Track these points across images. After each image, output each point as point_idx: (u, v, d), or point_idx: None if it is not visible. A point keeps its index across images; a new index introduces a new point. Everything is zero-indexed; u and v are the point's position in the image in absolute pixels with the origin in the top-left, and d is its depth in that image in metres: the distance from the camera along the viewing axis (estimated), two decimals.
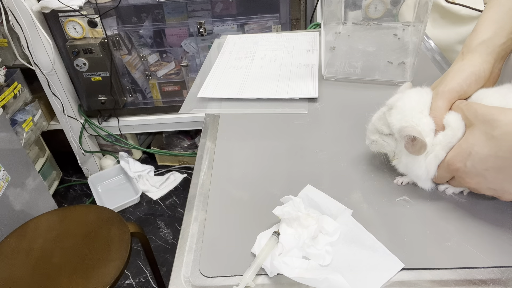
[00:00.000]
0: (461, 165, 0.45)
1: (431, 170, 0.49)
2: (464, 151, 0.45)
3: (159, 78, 1.79)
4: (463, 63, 0.52)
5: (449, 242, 0.46)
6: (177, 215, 1.80)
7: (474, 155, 0.44)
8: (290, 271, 0.41)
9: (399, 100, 0.50)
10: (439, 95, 0.50)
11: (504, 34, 0.52)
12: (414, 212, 0.50)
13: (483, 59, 0.51)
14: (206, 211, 0.54)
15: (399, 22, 0.99)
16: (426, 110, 0.49)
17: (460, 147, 0.46)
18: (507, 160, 0.41)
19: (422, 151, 0.48)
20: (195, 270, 0.46)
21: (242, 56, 0.94)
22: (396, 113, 0.49)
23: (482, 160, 0.43)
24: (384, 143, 0.52)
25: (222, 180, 0.58)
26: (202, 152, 0.66)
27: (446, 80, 0.51)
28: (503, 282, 0.42)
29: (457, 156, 0.46)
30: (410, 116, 0.49)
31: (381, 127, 0.52)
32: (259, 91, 0.78)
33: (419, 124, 0.48)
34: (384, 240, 0.47)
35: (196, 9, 0.72)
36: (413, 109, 0.49)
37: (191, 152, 2.01)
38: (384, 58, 0.86)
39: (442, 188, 0.52)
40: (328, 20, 0.93)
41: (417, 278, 0.43)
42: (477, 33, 0.54)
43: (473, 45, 0.53)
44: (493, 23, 0.53)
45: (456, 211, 0.50)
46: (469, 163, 0.44)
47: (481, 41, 0.52)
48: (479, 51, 0.52)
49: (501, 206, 0.50)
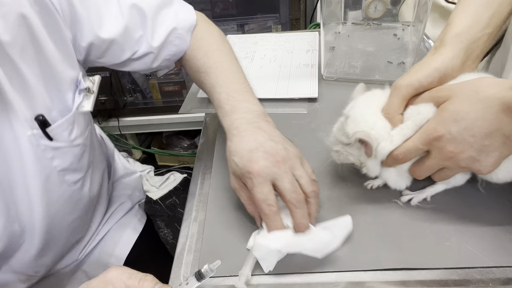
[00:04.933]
0: (444, 131, 0.42)
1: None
2: (447, 118, 0.42)
3: (159, 78, 1.79)
4: (432, 58, 0.48)
5: (448, 242, 0.46)
6: (177, 215, 1.80)
7: (460, 121, 0.41)
8: (276, 243, 0.44)
9: (352, 109, 0.50)
10: (396, 90, 0.47)
11: (479, 28, 0.48)
12: (414, 212, 0.50)
13: (453, 54, 0.47)
14: (206, 211, 0.54)
15: (399, 22, 0.99)
16: (379, 112, 0.48)
17: (440, 116, 0.43)
18: (495, 122, 0.39)
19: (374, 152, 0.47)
20: (195, 270, 0.46)
21: (242, 56, 0.94)
22: (351, 122, 0.48)
23: (469, 125, 0.40)
24: (347, 153, 0.50)
25: (222, 180, 0.58)
26: (202, 152, 0.66)
27: (408, 73, 0.48)
28: (503, 282, 0.42)
29: (439, 124, 0.42)
30: (362, 121, 0.48)
31: (340, 137, 0.50)
32: (259, 91, 0.78)
33: (374, 128, 0.47)
34: (384, 240, 0.47)
35: (196, 9, 0.72)
36: (365, 113, 0.48)
37: (191, 152, 2.01)
38: (384, 58, 0.86)
39: (406, 199, 0.51)
40: (327, 20, 0.93)
41: (417, 278, 0.43)
42: (451, 26, 0.50)
43: (446, 38, 0.49)
44: (468, 15, 0.49)
45: (456, 211, 0.50)
46: (454, 129, 0.41)
47: (455, 34, 0.49)
48: (452, 45, 0.48)
49: (501, 206, 0.50)
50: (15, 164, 0.50)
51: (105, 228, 0.74)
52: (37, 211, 0.53)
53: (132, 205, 0.81)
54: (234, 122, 0.51)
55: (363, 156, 0.49)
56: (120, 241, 0.76)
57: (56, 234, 0.59)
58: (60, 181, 0.55)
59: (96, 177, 0.65)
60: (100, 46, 0.56)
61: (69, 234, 0.62)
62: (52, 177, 0.54)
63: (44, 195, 0.53)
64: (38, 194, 0.53)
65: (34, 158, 0.51)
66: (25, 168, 0.50)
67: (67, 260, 0.67)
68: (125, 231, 0.77)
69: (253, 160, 0.45)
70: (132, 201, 0.81)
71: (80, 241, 0.68)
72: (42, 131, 0.50)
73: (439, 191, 0.52)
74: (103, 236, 0.74)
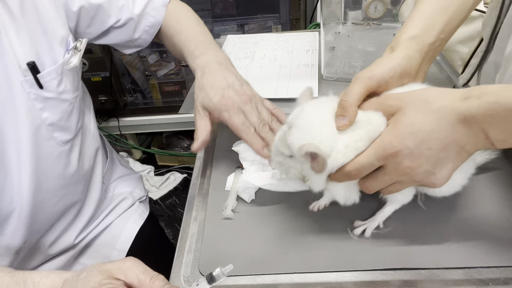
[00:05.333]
0: (401, 146, 0.39)
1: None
2: (403, 132, 0.40)
3: (159, 78, 1.79)
4: (391, 56, 0.48)
5: (448, 242, 0.46)
6: (177, 215, 1.80)
7: (416, 134, 0.39)
8: (259, 181, 0.53)
9: (297, 117, 0.44)
10: (358, 80, 0.46)
11: (434, 33, 0.49)
12: (414, 212, 0.50)
13: (410, 55, 0.47)
14: (206, 211, 0.54)
15: (399, 22, 0.99)
16: (330, 120, 0.43)
17: (395, 129, 0.40)
18: (451, 133, 0.38)
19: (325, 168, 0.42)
20: (195, 270, 0.46)
21: (242, 56, 0.94)
22: (295, 132, 0.42)
23: (426, 137, 0.39)
24: (288, 166, 0.45)
25: (222, 180, 0.58)
26: (202, 152, 0.66)
27: (370, 67, 0.47)
28: (503, 281, 0.42)
29: (395, 138, 0.40)
30: (310, 133, 0.42)
31: (282, 148, 0.44)
32: (259, 91, 0.78)
33: (322, 140, 0.41)
34: (384, 240, 0.47)
35: (196, 9, 0.72)
36: (312, 123, 0.43)
37: (191, 152, 2.01)
38: None
39: (359, 231, 0.48)
40: (327, 20, 0.93)
41: (417, 278, 0.43)
42: (407, 28, 0.50)
43: (402, 39, 0.49)
44: (424, 19, 0.50)
45: (455, 211, 0.50)
46: (411, 143, 0.39)
47: (410, 36, 0.49)
48: (408, 46, 0.48)
49: (501, 206, 0.50)
50: (8, 111, 0.53)
51: (106, 221, 0.76)
52: (25, 165, 0.56)
53: (133, 202, 0.83)
54: (205, 62, 0.61)
55: (306, 169, 0.44)
56: (122, 235, 0.78)
57: (43, 196, 0.60)
58: (49, 137, 0.59)
59: (86, 151, 0.69)
60: (89, 11, 0.64)
61: (58, 201, 0.64)
62: (42, 130, 0.57)
63: (34, 149, 0.56)
64: (28, 147, 0.56)
65: (25, 107, 0.55)
66: (17, 116, 0.54)
67: (62, 243, 0.68)
68: (126, 225, 0.79)
69: (226, 96, 0.56)
70: (133, 198, 0.83)
71: (74, 223, 0.69)
72: (33, 77, 0.55)
73: (390, 213, 0.49)
74: (104, 229, 0.76)
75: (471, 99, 0.37)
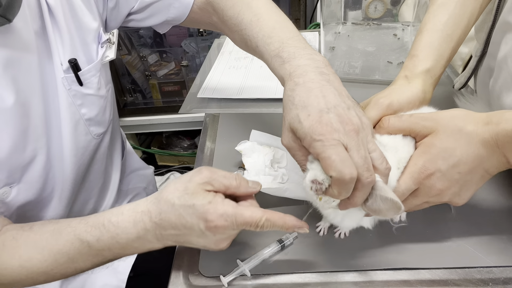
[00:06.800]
0: (434, 169, 0.42)
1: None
2: (436, 156, 0.42)
3: (159, 78, 1.79)
4: (409, 87, 0.50)
5: (448, 242, 0.46)
6: None
7: (447, 158, 0.41)
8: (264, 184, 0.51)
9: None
10: (377, 105, 0.48)
11: (443, 63, 0.53)
12: (413, 212, 0.50)
13: (427, 89, 0.51)
14: None
15: (399, 22, 0.99)
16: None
17: (428, 153, 0.43)
18: (477, 158, 0.41)
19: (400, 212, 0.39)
20: (195, 270, 0.46)
21: (242, 56, 0.93)
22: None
23: (456, 162, 0.41)
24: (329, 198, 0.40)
25: None
26: (202, 152, 0.66)
27: (389, 94, 0.49)
28: (503, 281, 0.42)
29: (428, 162, 0.42)
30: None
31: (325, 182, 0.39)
32: (259, 91, 0.78)
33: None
34: (384, 240, 0.47)
35: None
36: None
37: (191, 152, 2.01)
38: (384, 58, 0.86)
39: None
40: (327, 20, 0.93)
41: (417, 278, 0.43)
42: (419, 60, 0.52)
43: (417, 71, 0.51)
44: (433, 49, 0.53)
45: (455, 211, 0.50)
46: (444, 167, 0.42)
47: (425, 70, 0.51)
48: (425, 79, 0.51)
49: (501, 206, 0.50)
50: (55, 107, 0.55)
51: None
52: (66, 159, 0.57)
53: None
54: (298, 69, 0.44)
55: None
56: None
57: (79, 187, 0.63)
58: (86, 131, 0.59)
59: (114, 137, 0.71)
60: None
61: (87, 192, 0.66)
62: (80, 125, 0.58)
63: (73, 143, 0.57)
64: (68, 141, 0.57)
65: (66, 103, 0.55)
66: (60, 112, 0.55)
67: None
68: None
69: (324, 122, 0.38)
70: (146, 194, 0.84)
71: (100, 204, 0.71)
72: (74, 74, 0.55)
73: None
74: None
75: (491, 125, 0.40)
